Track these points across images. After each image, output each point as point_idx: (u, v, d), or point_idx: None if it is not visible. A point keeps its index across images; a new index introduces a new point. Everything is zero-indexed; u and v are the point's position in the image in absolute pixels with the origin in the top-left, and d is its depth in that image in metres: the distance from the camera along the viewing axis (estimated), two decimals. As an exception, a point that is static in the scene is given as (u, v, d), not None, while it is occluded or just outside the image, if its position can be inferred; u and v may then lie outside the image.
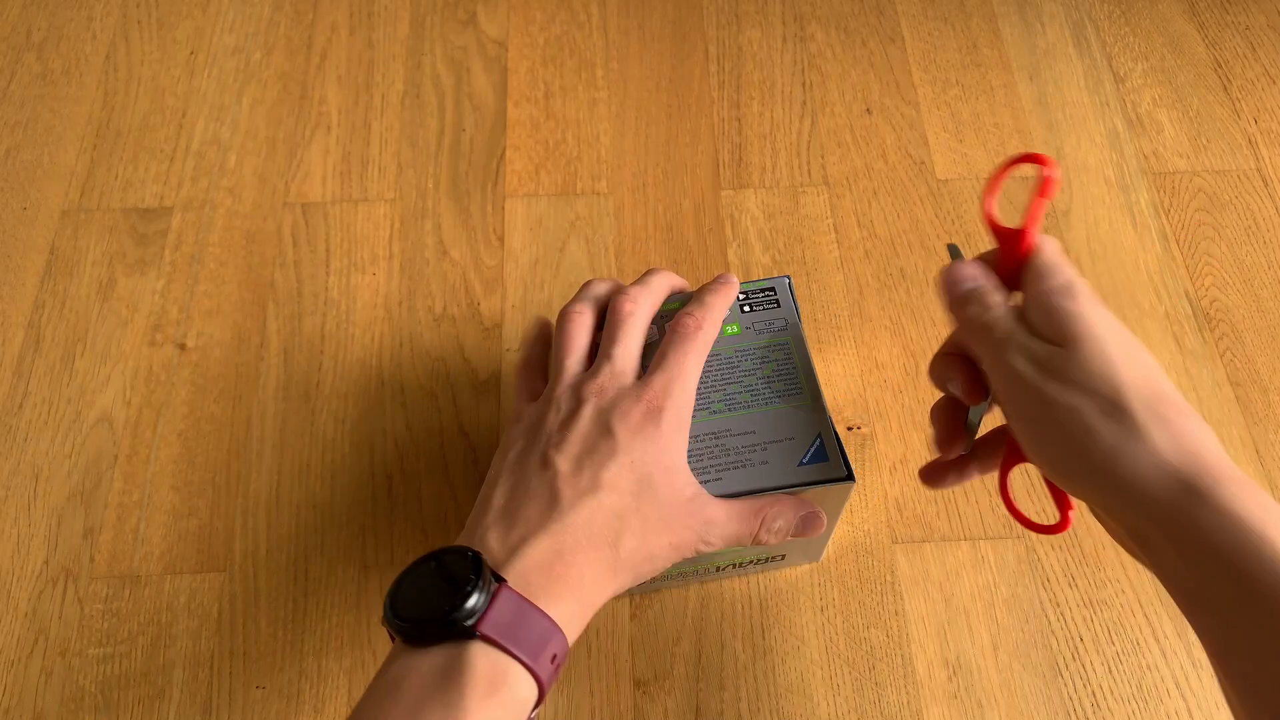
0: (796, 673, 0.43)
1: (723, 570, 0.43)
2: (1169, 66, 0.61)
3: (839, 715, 0.42)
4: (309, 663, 0.43)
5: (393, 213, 0.56)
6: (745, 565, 0.43)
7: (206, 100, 0.60)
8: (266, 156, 0.58)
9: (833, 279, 0.53)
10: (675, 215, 0.56)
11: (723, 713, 0.42)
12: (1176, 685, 0.42)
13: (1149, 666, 0.43)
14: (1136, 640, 0.43)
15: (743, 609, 0.44)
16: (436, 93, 0.60)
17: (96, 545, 0.46)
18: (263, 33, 0.63)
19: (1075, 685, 0.42)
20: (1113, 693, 0.42)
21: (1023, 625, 0.44)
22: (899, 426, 0.49)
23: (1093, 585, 0.44)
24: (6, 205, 0.56)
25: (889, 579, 0.45)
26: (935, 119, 0.59)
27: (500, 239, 0.55)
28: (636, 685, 0.42)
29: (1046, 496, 0.47)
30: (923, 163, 0.57)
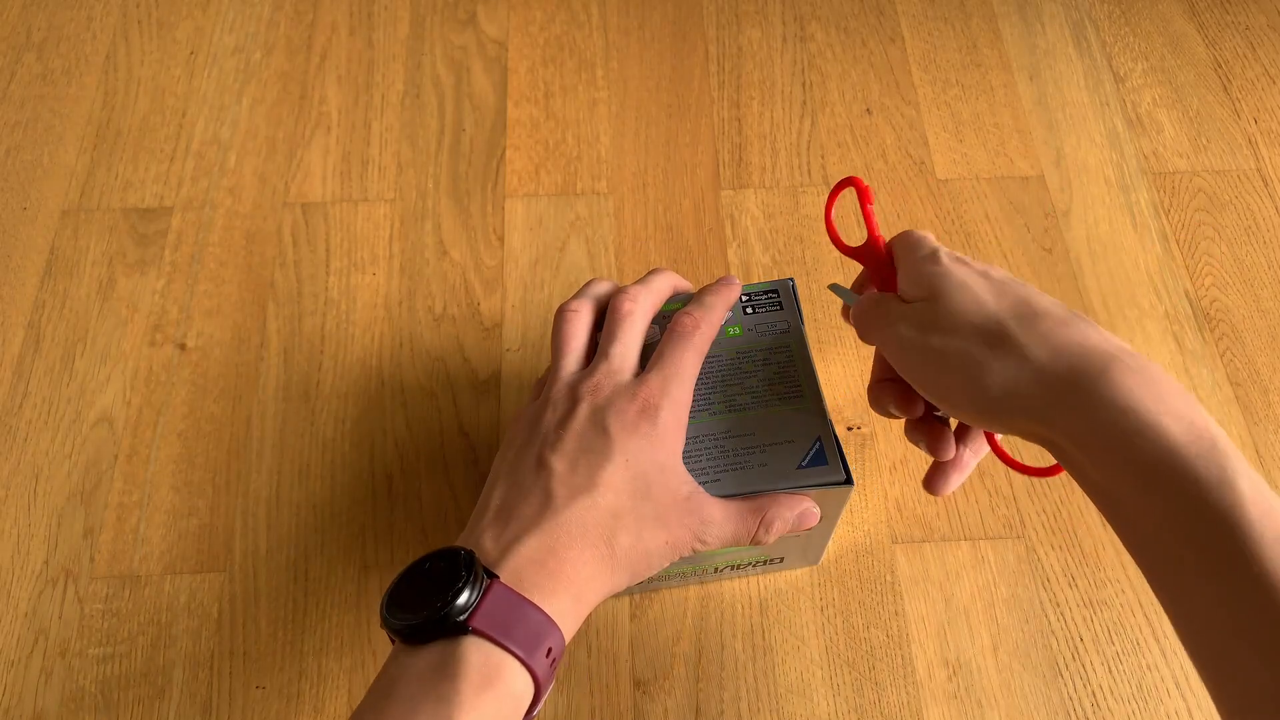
0: (796, 673, 0.43)
1: (721, 572, 0.43)
2: (1169, 66, 0.61)
3: (839, 715, 0.42)
4: (309, 663, 0.43)
5: (393, 213, 0.56)
6: (744, 567, 0.43)
7: (206, 100, 0.60)
8: (266, 156, 0.58)
9: (833, 279, 0.53)
10: (675, 215, 0.56)
11: (723, 713, 0.42)
12: (1176, 685, 0.42)
13: (1149, 666, 0.43)
14: (1137, 640, 0.43)
15: (743, 609, 0.44)
16: (436, 93, 0.60)
17: (96, 545, 0.46)
18: (263, 33, 0.63)
19: (1075, 685, 0.42)
20: (1113, 693, 0.42)
21: (1023, 625, 0.44)
22: (899, 427, 0.48)
23: (1093, 585, 0.44)
24: (6, 205, 0.56)
25: (889, 579, 0.45)
26: (935, 119, 0.59)
27: (500, 239, 0.55)
28: (636, 685, 0.42)
29: (1047, 490, 0.47)
30: (923, 163, 0.57)
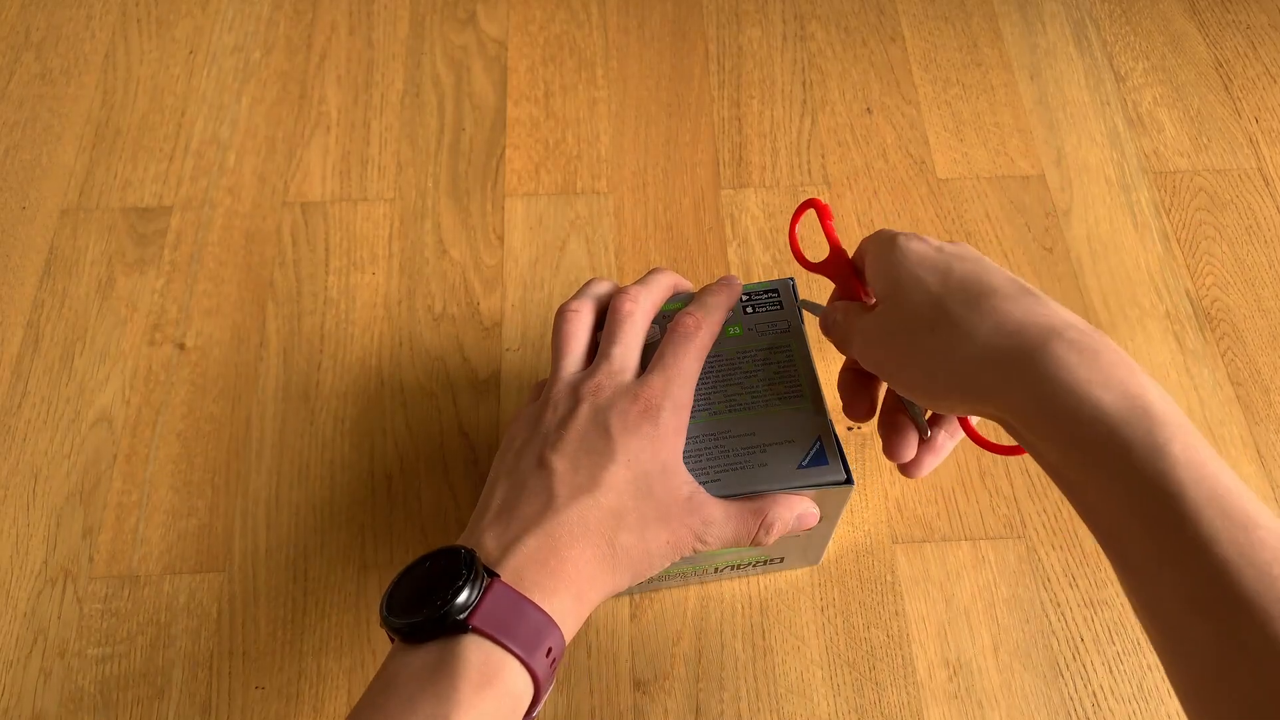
0: (797, 673, 0.43)
1: (721, 572, 0.43)
2: (1170, 65, 0.61)
3: (839, 716, 0.42)
4: (308, 663, 0.43)
5: (392, 212, 0.56)
6: (744, 567, 0.43)
7: (206, 99, 0.60)
8: (266, 156, 0.58)
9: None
10: (675, 214, 0.56)
11: (723, 713, 0.42)
12: (1177, 685, 0.42)
13: (1150, 667, 0.42)
14: (1138, 640, 0.43)
15: (743, 609, 0.44)
16: (436, 92, 0.60)
17: (95, 545, 0.46)
18: (262, 32, 0.63)
19: (1076, 685, 0.42)
20: (1114, 693, 0.42)
21: (1023, 625, 0.43)
22: (899, 426, 0.48)
23: (1093, 585, 0.44)
24: (5, 205, 0.56)
25: (889, 579, 0.45)
26: (936, 118, 0.59)
27: (500, 238, 0.55)
28: (636, 685, 0.42)
29: (1047, 490, 0.47)
30: (923, 162, 0.57)
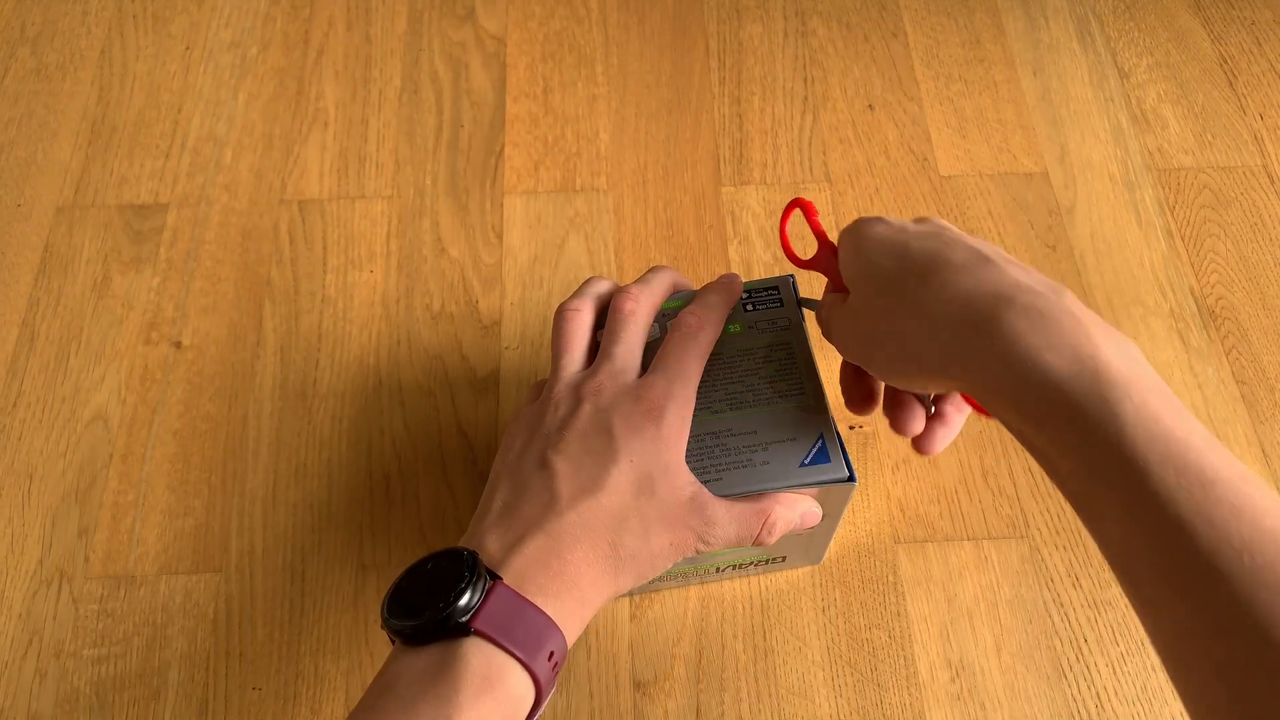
0: (798, 674, 0.42)
1: (723, 571, 0.43)
2: (1174, 62, 0.60)
3: (841, 717, 0.41)
4: (306, 664, 0.43)
5: (390, 210, 0.55)
6: (746, 567, 0.43)
7: (202, 96, 0.60)
8: (263, 153, 0.57)
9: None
10: (676, 212, 0.55)
11: (723, 714, 0.41)
12: (1182, 687, 0.42)
13: (1154, 668, 0.42)
14: (1142, 641, 0.43)
15: (743, 609, 0.44)
16: (434, 89, 0.60)
17: (91, 545, 0.45)
18: (259, 28, 0.62)
19: (1079, 687, 0.42)
20: (1118, 694, 0.42)
21: (1026, 626, 0.43)
22: (901, 425, 0.48)
23: (1097, 585, 0.44)
24: (0, 202, 0.56)
25: (891, 579, 0.44)
26: (938, 115, 0.59)
27: (499, 236, 0.54)
28: (636, 687, 0.42)
29: (1051, 489, 0.46)
30: (925, 159, 0.57)
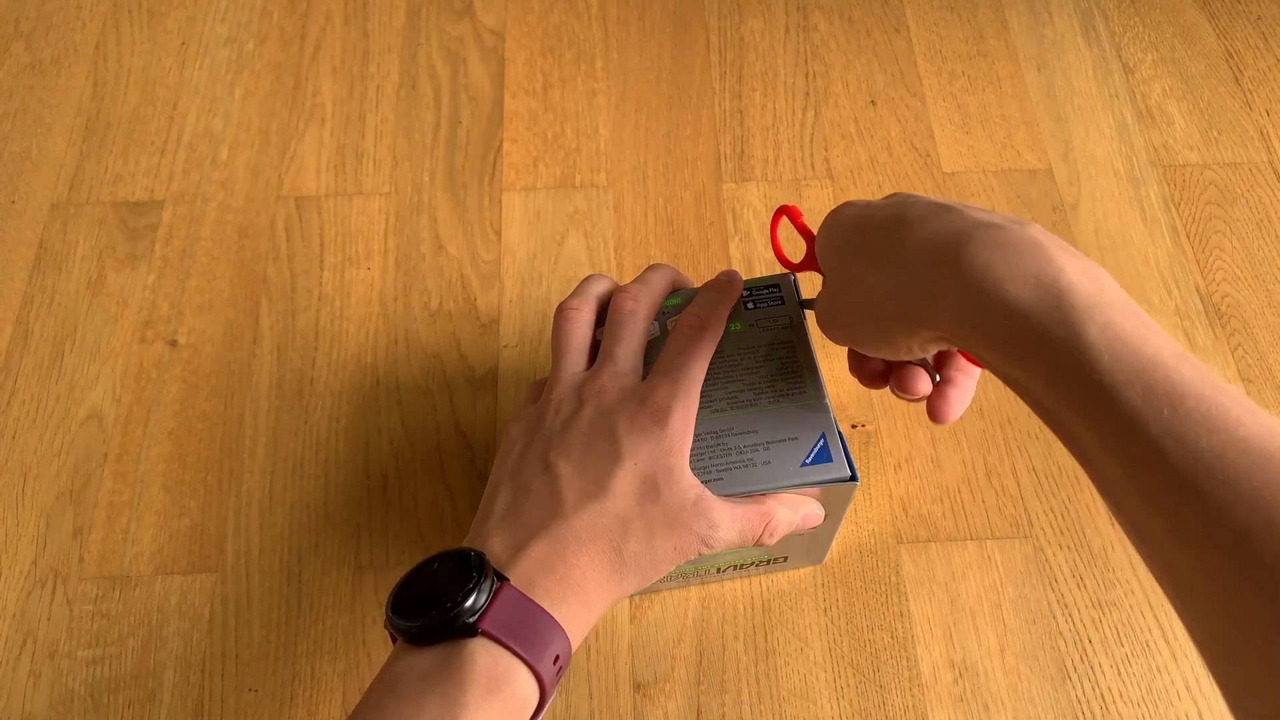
0: (799, 675, 0.42)
1: (724, 572, 0.43)
2: (1179, 57, 0.60)
3: (842, 719, 0.41)
4: (302, 665, 0.42)
5: (388, 206, 0.55)
6: (747, 567, 0.43)
7: (198, 91, 0.59)
8: (259, 149, 0.57)
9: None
10: (676, 209, 0.55)
11: (724, 716, 0.41)
12: (1187, 688, 0.41)
13: (1159, 669, 0.42)
14: (1146, 642, 0.42)
15: (744, 610, 0.43)
16: (432, 84, 0.59)
17: (86, 545, 0.45)
18: (255, 23, 0.62)
19: (1084, 688, 0.41)
20: (1122, 695, 0.41)
21: (1030, 627, 0.43)
22: (904, 424, 0.48)
23: (1101, 586, 0.44)
24: (-5, 198, 0.55)
25: (894, 580, 0.44)
26: (941, 111, 0.58)
27: (497, 233, 0.54)
28: (636, 688, 0.42)
29: (1055, 489, 0.46)
30: (928, 155, 0.56)
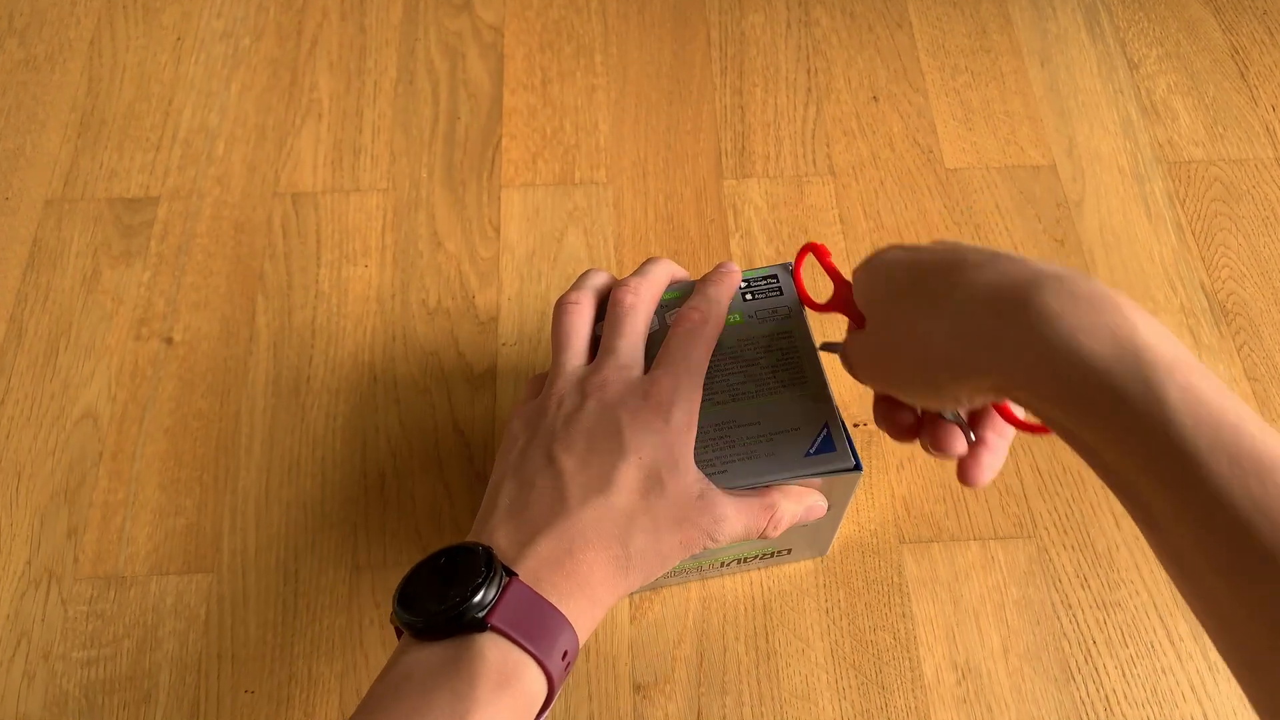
0: (801, 676, 0.42)
1: (727, 565, 0.42)
2: (1184, 52, 0.59)
3: (845, 721, 0.41)
4: (299, 666, 0.42)
5: (385, 203, 0.55)
6: (750, 560, 0.42)
7: (194, 87, 0.59)
8: (256, 145, 0.56)
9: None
10: (676, 205, 0.54)
11: (725, 718, 0.41)
12: (1192, 689, 0.41)
13: (1164, 670, 0.41)
14: (1151, 643, 0.42)
15: (745, 611, 0.43)
16: (430, 79, 0.59)
17: (80, 545, 0.45)
18: (252, 17, 0.61)
19: (1088, 689, 0.41)
20: (1126, 697, 0.41)
21: (1034, 628, 0.42)
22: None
23: (1106, 587, 0.43)
24: (-11, 195, 0.55)
25: (896, 580, 0.44)
26: (944, 106, 0.58)
27: (496, 230, 0.54)
28: (636, 689, 0.41)
29: (1059, 488, 0.45)
30: (931, 151, 0.56)
